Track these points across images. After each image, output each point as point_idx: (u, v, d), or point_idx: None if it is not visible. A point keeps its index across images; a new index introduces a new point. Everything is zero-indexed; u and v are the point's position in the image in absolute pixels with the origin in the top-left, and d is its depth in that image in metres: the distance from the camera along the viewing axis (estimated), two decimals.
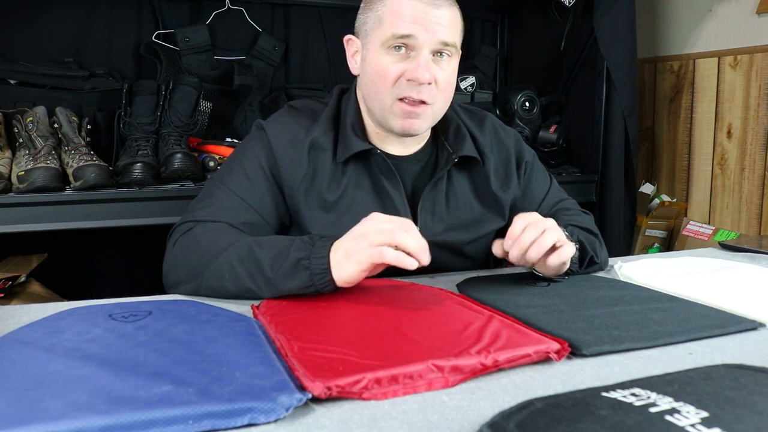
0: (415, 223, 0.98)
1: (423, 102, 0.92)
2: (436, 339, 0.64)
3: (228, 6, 1.99)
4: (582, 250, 0.93)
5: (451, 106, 1.06)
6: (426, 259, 0.76)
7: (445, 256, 1.02)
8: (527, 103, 2.04)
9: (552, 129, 2.02)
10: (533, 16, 2.29)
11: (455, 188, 1.03)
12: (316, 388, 0.51)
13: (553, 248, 0.83)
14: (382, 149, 0.99)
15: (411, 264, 0.74)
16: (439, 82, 0.93)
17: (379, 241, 0.75)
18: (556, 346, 0.61)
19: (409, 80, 0.91)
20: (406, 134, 0.97)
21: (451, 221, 1.02)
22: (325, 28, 2.13)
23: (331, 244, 0.79)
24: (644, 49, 2.16)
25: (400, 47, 0.92)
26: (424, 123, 0.96)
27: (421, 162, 1.03)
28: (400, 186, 0.98)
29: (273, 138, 0.97)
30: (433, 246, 0.82)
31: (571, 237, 0.91)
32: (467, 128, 1.05)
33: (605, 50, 1.85)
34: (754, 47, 1.86)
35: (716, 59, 1.98)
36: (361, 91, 1.00)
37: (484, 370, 0.58)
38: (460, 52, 0.98)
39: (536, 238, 0.81)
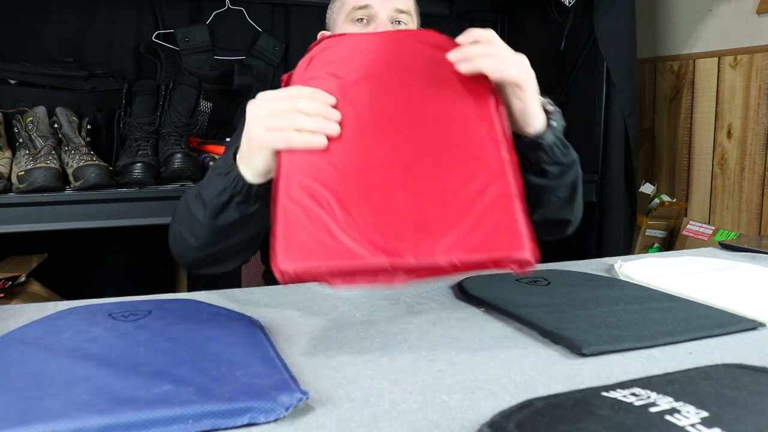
0: None
1: None
2: (429, 199, 0.64)
3: (228, 6, 1.99)
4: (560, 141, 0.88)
5: None
6: (333, 127, 0.69)
7: None
8: None
9: None
10: (533, 16, 2.29)
11: None
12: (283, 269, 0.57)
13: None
14: None
15: (322, 143, 0.68)
16: None
17: (277, 125, 0.69)
18: (521, 256, 0.60)
19: None
20: None
21: None
22: (325, 28, 2.13)
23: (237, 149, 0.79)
24: (644, 49, 2.16)
25: (361, 19, 1.03)
26: None
27: None
28: None
29: None
30: None
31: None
32: None
33: (605, 50, 1.86)
34: (754, 47, 1.86)
35: (716, 59, 1.98)
36: None
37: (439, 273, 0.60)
38: (417, 23, 1.09)
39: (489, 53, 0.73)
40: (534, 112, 0.80)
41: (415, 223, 0.62)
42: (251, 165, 0.75)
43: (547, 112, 0.84)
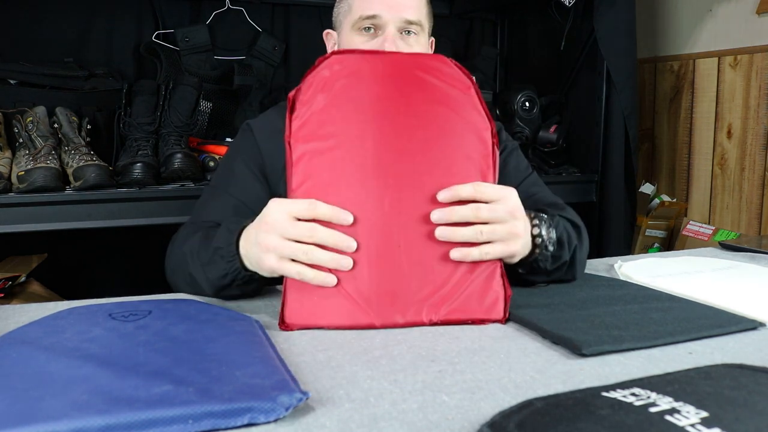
0: None
1: None
2: (424, 263, 0.72)
3: (228, 6, 1.99)
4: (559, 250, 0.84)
5: None
6: (347, 263, 0.70)
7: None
8: (527, 103, 2.04)
9: (552, 129, 2.02)
10: (533, 16, 2.29)
11: None
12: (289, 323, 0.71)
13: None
14: None
15: (331, 281, 0.70)
16: None
17: (291, 255, 0.70)
18: (495, 318, 0.73)
19: None
20: None
21: None
22: (325, 28, 2.12)
23: (241, 230, 0.76)
24: (644, 49, 2.16)
25: (369, 28, 0.99)
26: None
27: None
28: None
29: (257, 133, 1.02)
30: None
31: (555, 229, 0.83)
32: None
33: (605, 50, 1.85)
34: (754, 47, 1.86)
35: (716, 59, 1.98)
36: None
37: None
38: (429, 31, 1.05)
39: (472, 221, 0.72)
40: (519, 254, 0.78)
41: (408, 289, 0.72)
42: (263, 266, 0.73)
43: (534, 236, 0.80)
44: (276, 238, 0.70)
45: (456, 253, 0.72)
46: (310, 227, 0.69)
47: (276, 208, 0.71)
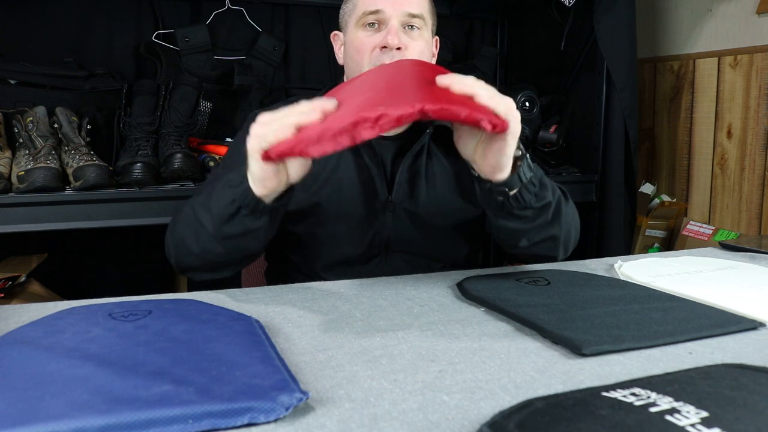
0: (390, 193, 1.03)
1: None
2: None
3: (228, 6, 1.99)
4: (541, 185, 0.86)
5: None
6: (331, 104, 0.73)
7: (431, 231, 1.05)
8: (527, 103, 2.04)
9: (552, 129, 2.02)
10: (533, 16, 2.29)
11: (434, 164, 1.07)
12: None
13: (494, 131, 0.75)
14: None
15: (316, 110, 0.72)
16: (410, 49, 1.01)
17: (256, 132, 0.74)
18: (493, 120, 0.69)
19: (382, 48, 1.00)
20: None
21: (432, 195, 1.05)
22: (325, 28, 2.13)
23: None
24: (644, 49, 2.16)
25: (372, 23, 1.01)
26: None
27: (403, 141, 1.08)
28: (377, 157, 1.03)
29: None
30: (416, 220, 0.88)
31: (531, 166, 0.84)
32: None
33: (605, 50, 1.85)
34: (754, 47, 1.86)
35: (716, 59, 1.98)
36: (346, 75, 1.08)
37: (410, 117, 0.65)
38: (433, 29, 1.07)
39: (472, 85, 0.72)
40: (509, 155, 0.79)
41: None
42: (251, 172, 0.78)
43: (516, 159, 0.82)
44: (256, 124, 0.74)
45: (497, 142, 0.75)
46: (287, 109, 0.72)
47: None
